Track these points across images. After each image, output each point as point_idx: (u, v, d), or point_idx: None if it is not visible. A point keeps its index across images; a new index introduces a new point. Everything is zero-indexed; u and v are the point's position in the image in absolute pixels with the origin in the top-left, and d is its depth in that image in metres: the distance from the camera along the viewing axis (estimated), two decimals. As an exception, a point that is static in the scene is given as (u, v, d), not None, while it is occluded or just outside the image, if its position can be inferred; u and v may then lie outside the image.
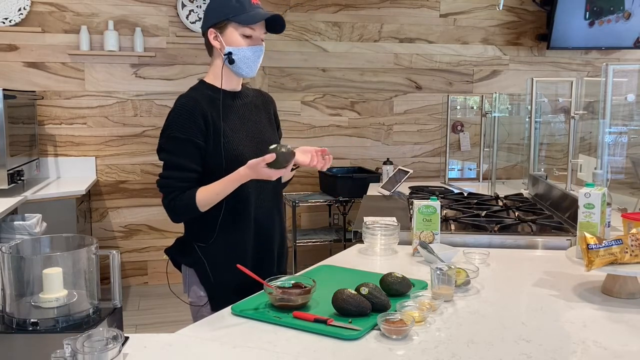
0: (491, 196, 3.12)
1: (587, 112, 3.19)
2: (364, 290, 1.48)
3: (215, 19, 1.77)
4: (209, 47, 1.83)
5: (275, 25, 1.79)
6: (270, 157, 1.65)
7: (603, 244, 1.58)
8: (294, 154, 1.70)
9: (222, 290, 1.80)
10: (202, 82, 1.85)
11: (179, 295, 2.04)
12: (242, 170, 1.70)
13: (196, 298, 1.87)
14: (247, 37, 1.77)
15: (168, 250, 1.95)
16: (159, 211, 4.64)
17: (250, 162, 1.68)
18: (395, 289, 1.60)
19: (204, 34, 1.81)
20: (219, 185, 1.73)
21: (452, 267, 1.65)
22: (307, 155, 1.85)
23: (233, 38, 1.76)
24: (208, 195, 1.74)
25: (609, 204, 1.91)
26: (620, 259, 1.59)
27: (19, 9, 4.19)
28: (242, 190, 1.79)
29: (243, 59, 1.78)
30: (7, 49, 4.24)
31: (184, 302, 1.96)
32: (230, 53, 1.77)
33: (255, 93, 1.97)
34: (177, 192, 1.74)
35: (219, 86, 1.83)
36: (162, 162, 1.78)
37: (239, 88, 1.89)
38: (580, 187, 2.22)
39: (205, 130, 1.75)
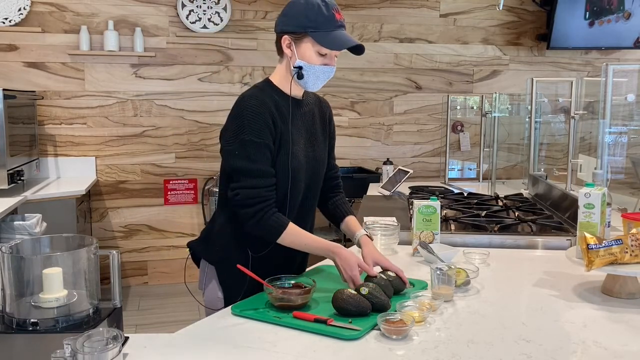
0: (491, 196, 3.12)
1: (587, 112, 3.19)
2: (364, 290, 1.48)
3: (293, 27, 1.67)
4: (279, 48, 1.74)
5: (356, 46, 1.70)
6: (372, 271, 1.61)
7: (603, 244, 1.58)
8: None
9: (241, 294, 1.74)
10: (268, 82, 1.77)
11: (194, 293, 2.01)
12: (341, 249, 1.65)
13: (212, 297, 1.83)
14: (322, 55, 1.68)
15: (191, 244, 1.89)
16: (159, 211, 4.64)
17: (350, 255, 1.63)
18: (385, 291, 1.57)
19: (278, 34, 1.73)
20: (311, 239, 1.68)
21: (452, 267, 1.65)
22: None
23: (307, 53, 1.68)
24: (296, 239, 1.67)
25: (609, 204, 1.91)
26: (620, 259, 1.59)
27: (19, 9, 4.19)
28: (286, 209, 1.74)
29: (312, 75, 1.70)
30: (7, 49, 4.24)
31: (198, 302, 1.94)
32: (300, 67, 1.69)
33: (315, 100, 1.90)
34: (267, 203, 1.65)
35: (285, 90, 1.75)
36: (239, 170, 1.66)
37: (301, 95, 1.82)
38: (580, 187, 2.22)
39: (274, 134, 1.68)
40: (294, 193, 1.76)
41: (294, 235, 1.67)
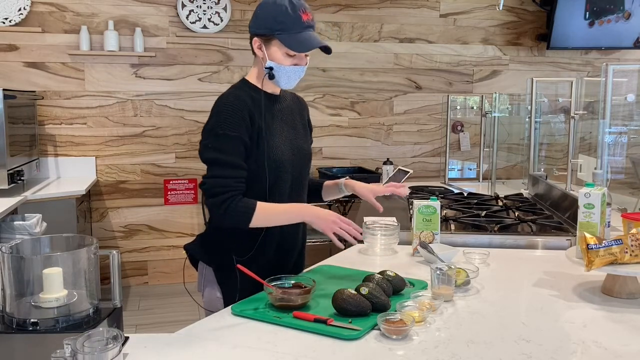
0: (491, 196, 3.12)
1: (587, 112, 3.19)
2: (364, 290, 1.48)
3: (262, 30, 1.72)
4: (253, 49, 1.79)
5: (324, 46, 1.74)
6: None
7: (603, 244, 1.58)
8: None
9: (239, 293, 1.75)
10: (244, 82, 1.82)
11: (193, 294, 2.02)
12: (312, 210, 1.71)
13: (212, 298, 1.84)
14: (291, 56, 1.72)
15: (188, 246, 1.91)
16: (159, 211, 4.64)
17: (326, 212, 1.70)
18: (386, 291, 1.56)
19: (250, 36, 1.77)
20: (282, 211, 1.72)
21: (452, 267, 1.65)
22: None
23: (276, 55, 1.72)
24: (267, 215, 1.70)
25: (609, 204, 1.91)
26: (620, 259, 1.59)
27: (19, 9, 4.19)
28: (276, 202, 1.78)
29: (283, 75, 1.75)
30: (7, 49, 4.24)
31: (197, 302, 1.95)
32: (271, 68, 1.73)
33: (292, 97, 1.95)
34: (233, 193, 1.68)
35: (261, 87, 1.80)
36: (209, 161, 1.71)
37: (278, 91, 1.85)
38: (580, 187, 2.22)
39: (251, 130, 1.72)
40: (280, 184, 1.79)
41: (264, 213, 1.69)
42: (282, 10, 1.67)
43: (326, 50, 1.74)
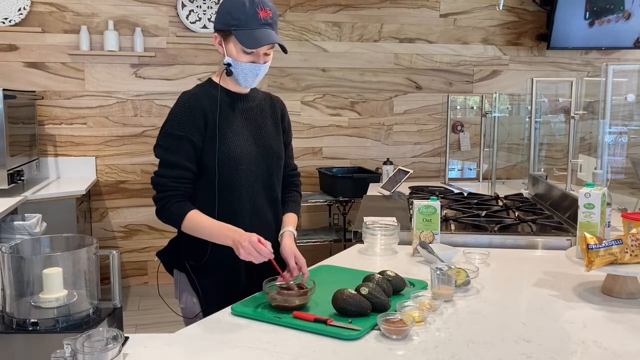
0: (491, 196, 3.12)
1: (587, 112, 3.19)
2: (364, 290, 1.48)
3: (220, 25, 1.72)
4: None
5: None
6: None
7: (603, 244, 1.58)
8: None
9: (213, 299, 1.74)
10: (209, 80, 1.83)
11: (170, 300, 2.02)
12: (237, 233, 1.61)
13: (188, 304, 1.84)
14: (248, 53, 1.71)
15: (160, 253, 1.90)
16: (159, 211, 4.64)
17: (245, 236, 1.59)
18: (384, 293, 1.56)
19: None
20: (211, 227, 1.67)
21: (452, 267, 1.65)
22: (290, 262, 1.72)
23: (233, 51, 1.71)
24: (196, 227, 1.69)
25: (609, 204, 1.91)
26: (620, 259, 1.59)
27: (19, 9, 4.19)
28: (237, 201, 1.76)
29: (241, 72, 1.74)
30: (7, 49, 4.24)
31: (172, 309, 1.95)
32: (229, 64, 1.73)
33: (264, 96, 1.93)
34: (169, 192, 1.70)
35: (225, 86, 1.80)
36: (158, 158, 1.74)
37: (246, 90, 1.84)
38: (580, 187, 2.22)
39: (203, 128, 1.72)
40: (239, 180, 1.76)
41: (193, 223, 1.69)
42: (239, 6, 1.67)
43: (283, 49, 1.73)
